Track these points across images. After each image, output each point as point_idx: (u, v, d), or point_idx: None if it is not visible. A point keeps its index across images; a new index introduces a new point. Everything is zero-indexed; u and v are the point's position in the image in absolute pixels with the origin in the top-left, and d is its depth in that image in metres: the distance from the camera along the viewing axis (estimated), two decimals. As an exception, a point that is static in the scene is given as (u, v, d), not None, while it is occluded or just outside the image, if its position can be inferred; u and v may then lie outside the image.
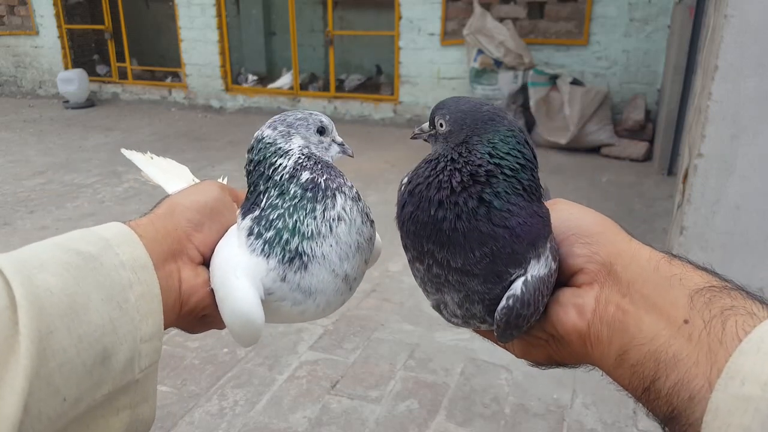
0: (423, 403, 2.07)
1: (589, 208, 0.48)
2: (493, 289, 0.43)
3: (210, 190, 0.55)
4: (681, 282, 0.39)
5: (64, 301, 0.37)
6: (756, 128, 2.11)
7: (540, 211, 0.43)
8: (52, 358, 0.35)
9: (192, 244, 0.51)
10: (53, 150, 5.77)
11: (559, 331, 0.44)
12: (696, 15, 4.33)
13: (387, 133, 6.56)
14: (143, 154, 0.71)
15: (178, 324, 0.52)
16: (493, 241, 0.41)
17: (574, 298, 0.44)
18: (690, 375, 0.34)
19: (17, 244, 0.38)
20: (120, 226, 0.46)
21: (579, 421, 1.96)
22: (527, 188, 0.43)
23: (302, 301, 0.49)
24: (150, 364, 0.43)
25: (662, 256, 0.41)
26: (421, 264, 0.45)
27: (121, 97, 8.60)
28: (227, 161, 5.18)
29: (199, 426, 1.95)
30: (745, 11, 2.00)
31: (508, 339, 0.46)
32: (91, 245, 0.42)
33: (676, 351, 0.36)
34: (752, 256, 2.25)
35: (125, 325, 0.40)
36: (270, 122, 0.53)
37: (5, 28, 9.05)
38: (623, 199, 4.23)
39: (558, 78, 5.52)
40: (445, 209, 0.42)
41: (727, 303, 0.36)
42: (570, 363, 0.47)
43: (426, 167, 0.45)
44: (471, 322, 0.48)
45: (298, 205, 0.49)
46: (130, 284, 0.42)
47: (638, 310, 0.39)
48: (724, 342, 0.34)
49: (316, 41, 8.71)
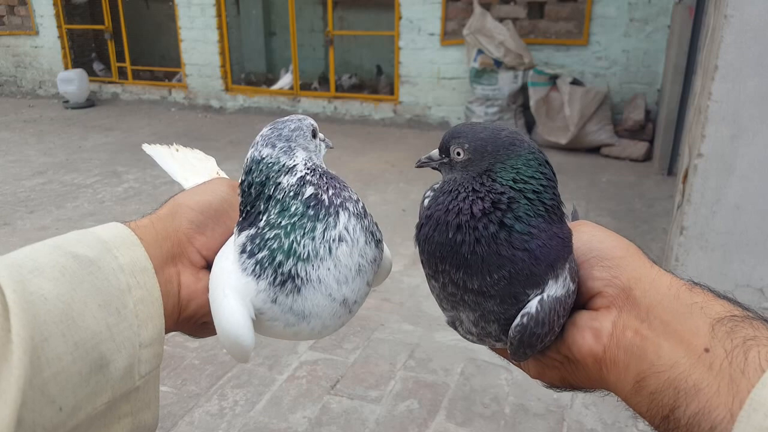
0: (423, 403, 2.06)
1: (612, 231, 0.47)
2: (510, 309, 0.43)
3: (218, 190, 0.52)
4: (702, 310, 0.38)
5: (59, 307, 0.36)
6: (756, 128, 2.10)
7: (561, 232, 0.43)
8: (47, 366, 0.34)
9: (193, 247, 0.49)
10: (53, 150, 5.77)
11: (574, 354, 0.44)
12: (696, 15, 4.33)
13: (387, 133, 6.56)
14: (168, 147, 0.68)
15: (176, 329, 0.50)
16: (512, 264, 0.41)
17: (591, 321, 0.43)
18: (711, 405, 0.34)
19: (17, 244, 0.38)
20: (119, 228, 0.45)
21: (579, 422, 1.96)
22: (549, 208, 0.42)
23: (295, 323, 0.47)
24: (151, 370, 0.41)
25: (683, 283, 0.41)
26: (437, 282, 0.45)
27: (121, 97, 8.59)
28: (227, 161, 5.16)
29: (199, 426, 1.95)
30: (745, 11, 2.00)
31: (521, 358, 0.45)
32: (88, 248, 0.41)
33: (697, 380, 0.35)
34: (752, 256, 2.25)
35: (123, 331, 0.39)
36: (264, 140, 0.49)
37: (5, 28, 9.04)
38: (623, 199, 4.23)
39: (558, 78, 5.52)
40: (464, 233, 0.41)
41: (749, 333, 0.35)
42: (585, 387, 0.46)
43: (446, 197, 0.44)
44: (486, 340, 0.47)
45: (297, 224, 0.46)
46: (129, 288, 0.41)
47: (657, 337, 0.39)
48: (746, 372, 0.33)
49: (316, 41, 8.71)
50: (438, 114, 6.65)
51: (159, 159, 0.66)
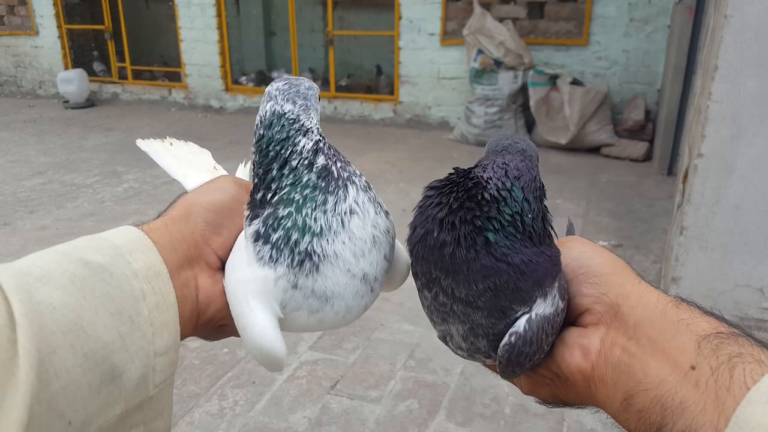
0: (423, 403, 2.06)
1: (602, 247, 0.47)
2: (497, 324, 0.43)
3: (227, 188, 0.51)
4: (688, 327, 0.38)
5: (67, 317, 0.34)
6: (756, 128, 2.11)
7: (548, 251, 0.43)
8: (55, 379, 0.32)
9: (210, 248, 0.48)
10: (53, 150, 5.77)
11: (563, 371, 0.44)
12: (696, 15, 4.33)
13: (387, 133, 6.56)
14: (161, 141, 0.65)
15: (194, 334, 0.49)
16: (496, 275, 0.41)
17: (579, 339, 0.43)
18: (697, 423, 0.34)
19: (17, 244, 0.37)
20: (132, 231, 0.43)
21: (579, 421, 1.96)
22: (536, 224, 0.42)
23: (319, 309, 0.45)
24: (165, 379, 0.40)
25: (670, 300, 0.41)
26: (429, 291, 0.45)
27: (120, 97, 8.59)
28: (227, 161, 5.11)
29: (199, 426, 1.95)
30: (745, 11, 2.00)
31: (510, 376, 0.45)
32: (99, 254, 0.39)
33: (683, 398, 0.35)
34: (752, 256, 2.25)
35: (137, 341, 0.38)
36: (284, 94, 0.46)
37: (5, 28, 9.04)
38: (623, 199, 4.23)
39: (558, 78, 5.52)
40: (446, 231, 0.41)
41: (735, 350, 0.36)
42: (575, 403, 0.46)
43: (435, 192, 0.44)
44: (476, 356, 0.47)
45: (308, 197, 0.44)
46: (143, 295, 0.39)
47: (644, 354, 0.39)
48: (731, 390, 0.33)
49: (316, 41, 8.71)
50: (438, 114, 6.65)
51: (154, 155, 0.64)
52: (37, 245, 3.44)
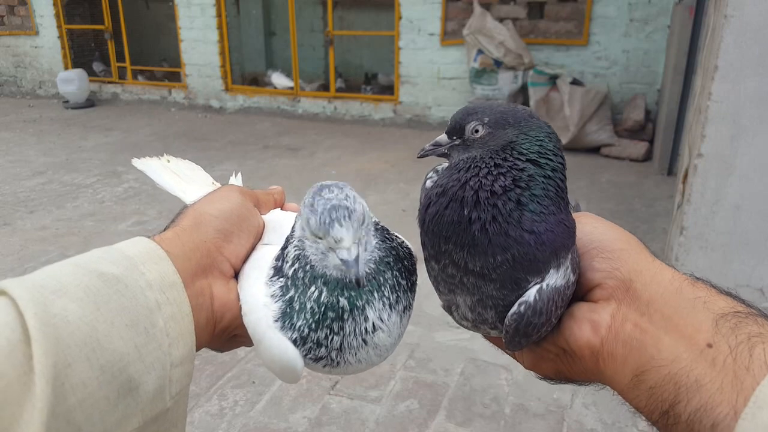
0: (423, 403, 2.06)
1: (614, 224, 0.47)
2: (509, 295, 0.42)
3: (233, 197, 0.51)
4: (705, 305, 0.37)
5: (83, 330, 0.34)
6: (756, 128, 2.11)
7: (567, 221, 0.42)
8: (72, 393, 0.32)
9: (223, 256, 0.47)
10: (53, 150, 5.77)
11: (571, 346, 0.43)
12: (696, 15, 4.33)
13: (387, 133, 6.56)
14: (159, 159, 0.65)
15: (211, 344, 0.48)
16: (518, 246, 0.40)
17: (589, 313, 0.43)
18: (713, 401, 0.33)
19: (17, 244, 0.37)
20: (145, 242, 0.43)
21: (579, 422, 1.96)
22: (561, 190, 0.42)
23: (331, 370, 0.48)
24: (181, 389, 0.40)
25: (685, 278, 0.40)
26: (437, 263, 0.44)
27: (120, 97, 8.60)
28: (227, 161, 5.18)
29: (199, 426, 1.95)
30: (745, 11, 2.00)
31: (516, 347, 0.45)
32: (113, 265, 0.39)
33: (699, 375, 0.34)
34: (752, 256, 2.25)
35: (153, 352, 0.37)
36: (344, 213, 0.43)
37: (5, 28, 9.04)
38: (623, 199, 4.23)
39: (558, 78, 5.52)
40: (482, 210, 0.40)
41: (754, 330, 0.35)
42: (580, 380, 0.46)
43: (463, 174, 0.43)
44: (481, 327, 0.47)
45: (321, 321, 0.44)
46: (159, 306, 0.39)
47: (658, 330, 0.38)
48: (751, 369, 0.33)
49: (316, 41, 8.71)
50: (438, 114, 6.65)
51: (152, 174, 0.63)
52: (37, 245, 3.44)
